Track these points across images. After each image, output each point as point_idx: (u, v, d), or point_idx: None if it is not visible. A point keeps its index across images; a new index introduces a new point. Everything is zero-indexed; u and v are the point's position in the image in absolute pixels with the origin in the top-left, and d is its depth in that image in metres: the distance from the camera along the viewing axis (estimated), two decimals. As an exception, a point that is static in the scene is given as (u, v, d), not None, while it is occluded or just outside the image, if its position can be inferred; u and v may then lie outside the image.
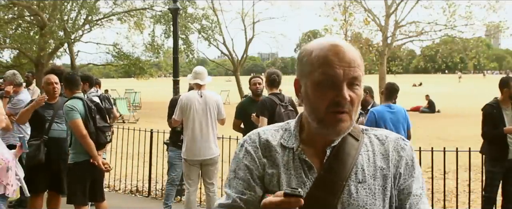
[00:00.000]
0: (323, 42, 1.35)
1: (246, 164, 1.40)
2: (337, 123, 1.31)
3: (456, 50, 26.67)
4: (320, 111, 1.32)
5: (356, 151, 1.37)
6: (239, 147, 1.45)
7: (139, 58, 27.59)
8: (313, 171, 1.35)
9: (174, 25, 8.46)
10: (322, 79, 1.30)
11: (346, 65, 1.30)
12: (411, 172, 1.39)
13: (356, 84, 1.32)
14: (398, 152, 1.39)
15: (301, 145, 1.39)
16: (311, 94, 1.33)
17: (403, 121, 5.61)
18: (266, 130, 1.46)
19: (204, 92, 5.66)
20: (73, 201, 4.87)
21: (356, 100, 1.32)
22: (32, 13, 24.21)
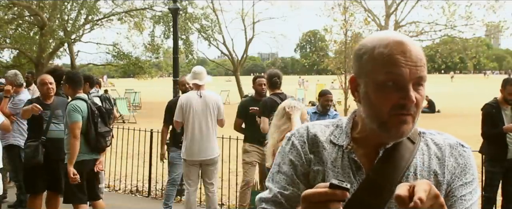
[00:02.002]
0: (387, 38, 1.24)
1: (291, 158, 1.33)
2: (401, 125, 1.22)
3: (456, 50, 26.66)
4: (382, 113, 1.22)
5: (410, 154, 1.28)
6: (286, 141, 1.37)
7: (139, 58, 27.60)
8: (361, 172, 1.27)
9: (174, 25, 8.47)
10: (387, 79, 1.20)
11: (412, 64, 1.20)
12: (462, 177, 1.29)
13: (421, 85, 1.23)
14: (455, 158, 1.30)
15: (351, 143, 1.31)
16: (373, 95, 1.23)
17: None
18: (315, 125, 1.38)
19: (203, 92, 5.65)
20: (70, 200, 4.88)
21: (420, 102, 1.23)
22: (32, 13, 24.20)
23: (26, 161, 5.18)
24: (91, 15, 25.72)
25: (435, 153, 1.31)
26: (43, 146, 5.08)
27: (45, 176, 5.18)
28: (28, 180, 5.28)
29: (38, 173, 5.13)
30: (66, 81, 5.00)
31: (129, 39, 28.78)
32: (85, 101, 4.88)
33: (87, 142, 4.82)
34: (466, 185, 1.28)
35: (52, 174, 5.20)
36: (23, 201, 6.16)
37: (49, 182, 5.27)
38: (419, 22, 25.55)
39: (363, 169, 1.28)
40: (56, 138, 5.14)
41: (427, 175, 1.27)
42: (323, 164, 1.31)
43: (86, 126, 4.79)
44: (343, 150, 1.31)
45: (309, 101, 27.26)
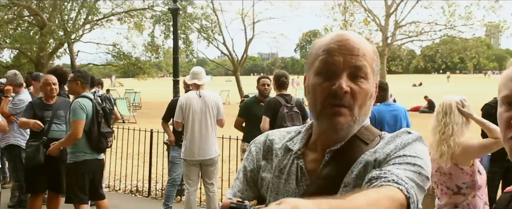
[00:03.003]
0: (330, 33, 1.26)
1: (245, 165, 1.34)
2: (334, 117, 1.17)
3: (456, 50, 26.67)
4: (318, 104, 1.20)
5: (360, 155, 1.21)
6: (249, 145, 1.38)
7: (138, 59, 27.61)
8: (305, 178, 1.23)
9: (174, 25, 8.47)
10: (321, 67, 1.19)
11: (347, 52, 1.17)
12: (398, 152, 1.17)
13: (361, 77, 1.18)
14: (395, 142, 1.21)
15: (303, 148, 1.27)
16: (311, 86, 1.22)
17: (402, 119, 5.58)
18: (276, 132, 1.37)
19: (203, 92, 5.65)
20: (72, 200, 4.88)
21: (359, 94, 1.18)
22: (32, 13, 24.22)
23: (27, 161, 5.18)
24: (91, 15, 25.73)
25: (382, 146, 1.22)
26: (44, 146, 5.08)
27: (46, 176, 5.18)
28: (29, 180, 5.28)
29: (39, 173, 5.13)
30: (76, 78, 4.98)
31: (129, 39, 28.81)
32: (91, 100, 4.89)
33: (89, 142, 4.82)
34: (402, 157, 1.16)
35: (53, 174, 5.20)
36: (23, 201, 6.16)
37: (50, 182, 5.27)
38: (419, 22, 25.55)
39: (307, 175, 1.23)
40: (58, 139, 5.14)
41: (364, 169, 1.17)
42: (271, 172, 1.28)
43: (90, 125, 4.80)
44: (294, 156, 1.27)
45: (309, 101, 27.23)
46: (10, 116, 6.04)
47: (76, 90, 4.99)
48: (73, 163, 4.84)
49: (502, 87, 1.09)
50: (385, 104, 5.65)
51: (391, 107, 5.62)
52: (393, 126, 5.48)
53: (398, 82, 48.13)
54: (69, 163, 4.86)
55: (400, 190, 1.03)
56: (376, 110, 5.63)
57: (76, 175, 4.85)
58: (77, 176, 4.85)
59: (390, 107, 5.62)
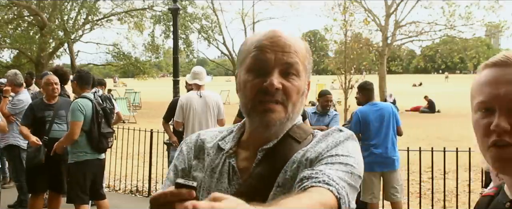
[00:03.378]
0: (262, 30, 1.24)
1: (176, 164, 1.31)
2: (265, 113, 1.16)
3: (456, 50, 26.68)
4: (249, 101, 1.18)
5: (293, 154, 1.19)
6: (179, 145, 1.35)
7: (138, 59, 27.62)
8: (237, 177, 1.21)
9: (174, 25, 8.47)
10: (252, 64, 1.18)
11: (279, 49, 1.16)
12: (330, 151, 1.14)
13: (292, 74, 1.17)
14: (327, 140, 1.19)
15: (235, 147, 1.26)
16: (242, 83, 1.20)
17: (389, 117, 5.53)
18: (208, 131, 1.35)
19: (203, 92, 5.66)
20: (74, 200, 4.88)
21: (292, 91, 1.17)
22: (32, 13, 24.24)
23: (28, 161, 5.18)
24: (91, 15, 25.74)
25: (313, 144, 1.20)
26: (45, 146, 5.07)
27: (47, 176, 5.17)
28: (30, 180, 5.28)
29: (39, 173, 5.12)
30: (75, 79, 4.99)
31: (129, 39, 28.84)
32: (91, 100, 4.89)
33: (90, 142, 4.82)
34: (334, 156, 1.13)
35: (54, 174, 5.20)
36: (23, 201, 6.15)
37: (51, 182, 5.27)
38: (419, 22, 25.56)
39: (238, 174, 1.21)
40: (58, 138, 5.13)
41: (296, 167, 1.16)
42: (203, 171, 1.27)
43: (90, 126, 4.80)
44: (225, 155, 1.25)
45: (309, 101, 27.29)
46: (9, 116, 6.04)
47: (74, 90, 5.03)
48: (74, 163, 4.83)
49: (476, 93, 1.07)
50: (370, 104, 5.61)
51: (375, 107, 5.58)
52: (379, 126, 5.45)
53: (398, 82, 48.13)
54: (71, 163, 4.85)
55: (330, 191, 1.01)
56: (360, 111, 5.60)
57: (78, 175, 4.85)
58: (78, 176, 4.85)
59: (375, 107, 5.57)
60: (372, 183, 5.47)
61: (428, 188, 6.61)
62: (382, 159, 5.43)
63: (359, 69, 17.59)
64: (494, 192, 1.19)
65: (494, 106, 1.02)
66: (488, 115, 1.03)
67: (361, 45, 21.62)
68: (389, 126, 5.49)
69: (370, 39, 24.83)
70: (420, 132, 14.63)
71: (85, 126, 4.79)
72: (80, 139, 4.78)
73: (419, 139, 12.61)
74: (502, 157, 1.00)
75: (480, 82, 1.07)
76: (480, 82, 1.07)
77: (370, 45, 24.27)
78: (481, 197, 1.24)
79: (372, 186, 5.47)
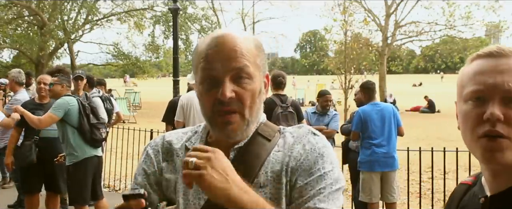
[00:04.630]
0: (210, 34, 1.21)
1: (144, 168, 1.29)
2: (224, 125, 1.17)
3: (456, 50, 26.68)
4: (208, 111, 1.19)
5: (266, 152, 1.20)
6: (143, 151, 1.34)
7: (138, 58, 27.63)
8: None
9: (174, 25, 8.48)
10: (203, 75, 1.17)
11: (225, 57, 1.14)
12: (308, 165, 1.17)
13: (244, 77, 1.16)
14: (303, 145, 1.20)
15: None
16: (199, 94, 1.21)
17: (390, 117, 5.55)
18: (172, 133, 1.34)
19: (204, 92, 5.66)
20: (77, 201, 4.86)
21: (246, 97, 1.16)
22: (32, 13, 24.24)
23: (20, 160, 5.18)
24: (91, 15, 25.74)
25: (291, 146, 1.22)
26: (36, 145, 5.09)
27: (41, 175, 5.19)
28: (24, 179, 5.32)
29: (32, 172, 5.14)
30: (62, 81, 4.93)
31: (129, 39, 28.88)
32: (75, 97, 4.86)
33: (82, 136, 4.77)
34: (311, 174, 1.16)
35: (47, 174, 5.20)
36: (23, 201, 6.15)
37: (46, 182, 5.30)
38: (419, 22, 25.55)
39: None
40: (49, 138, 5.15)
41: (278, 170, 1.18)
42: (175, 172, 1.25)
43: (79, 120, 4.75)
44: None
45: (309, 101, 27.29)
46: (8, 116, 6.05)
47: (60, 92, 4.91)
48: (73, 165, 4.79)
49: (468, 83, 1.06)
50: (371, 104, 5.64)
51: (377, 107, 5.61)
52: (381, 126, 5.47)
53: (398, 82, 48.14)
54: (70, 165, 4.81)
55: None
56: (362, 110, 5.62)
57: (78, 175, 4.81)
58: (79, 176, 4.81)
59: (376, 107, 5.60)
60: (373, 182, 5.47)
61: (428, 188, 6.61)
62: (384, 159, 5.44)
63: (359, 69, 17.58)
64: (472, 182, 1.18)
65: (487, 95, 1.02)
66: (480, 104, 1.02)
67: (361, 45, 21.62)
68: (391, 126, 5.51)
69: (370, 39, 24.83)
70: (420, 132, 14.63)
71: (74, 123, 4.74)
72: (72, 137, 4.73)
73: (419, 139, 12.61)
74: (492, 147, 1.00)
75: (471, 72, 1.07)
76: (471, 72, 1.07)
77: (370, 45, 24.27)
78: (458, 185, 1.23)
79: (372, 186, 5.48)
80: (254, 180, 1.17)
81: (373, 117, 5.49)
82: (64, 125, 4.75)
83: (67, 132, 4.74)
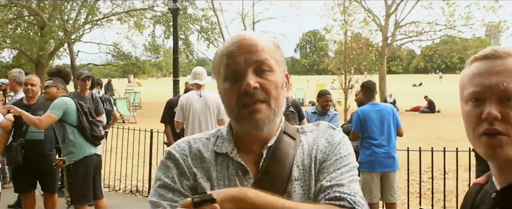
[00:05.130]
0: (230, 37, 1.28)
1: (174, 172, 1.26)
2: (251, 115, 1.20)
3: (456, 50, 26.66)
4: (233, 107, 1.22)
5: (294, 150, 1.27)
6: (167, 154, 1.31)
7: (138, 58, 27.63)
8: (248, 177, 1.24)
9: (174, 25, 8.49)
10: (226, 71, 1.22)
11: (245, 51, 1.21)
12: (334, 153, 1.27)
13: (266, 70, 1.21)
14: (326, 138, 1.30)
15: (235, 149, 1.27)
16: (223, 91, 1.25)
17: (389, 117, 5.56)
18: (196, 139, 1.33)
19: (203, 92, 5.67)
20: (79, 200, 4.89)
21: (270, 87, 1.21)
22: (32, 13, 24.24)
23: (8, 162, 5.28)
24: (91, 15, 25.73)
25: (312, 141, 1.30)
26: (22, 147, 5.12)
27: (29, 175, 5.23)
28: (15, 179, 5.42)
29: (21, 172, 5.20)
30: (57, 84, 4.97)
31: (129, 39, 28.87)
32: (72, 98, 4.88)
33: (83, 133, 4.78)
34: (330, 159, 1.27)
35: (37, 174, 5.25)
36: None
37: (41, 182, 5.38)
38: (419, 22, 25.55)
39: (250, 172, 1.24)
40: (35, 140, 5.17)
41: (308, 164, 1.26)
42: (210, 179, 1.25)
43: (78, 119, 4.77)
44: (228, 157, 1.26)
45: (309, 101, 27.29)
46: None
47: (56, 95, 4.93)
48: (74, 164, 4.80)
49: (467, 85, 1.13)
50: (371, 104, 5.64)
51: (376, 107, 5.62)
52: (381, 126, 5.48)
53: (398, 82, 48.14)
54: (70, 164, 4.82)
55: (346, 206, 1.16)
56: (361, 110, 5.63)
57: (79, 174, 4.82)
58: (80, 175, 4.83)
59: (376, 107, 5.61)
60: (373, 182, 5.47)
61: (428, 188, 6.61)
62: (384, 159, 5.44)
63: (359, 69, 17.56)
64: (484, 181, 1.24)
65: (484, 96, 1.08)
66: (479, 105, 1.09)
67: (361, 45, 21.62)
68: (390, 126, 5.51)
69: (370, 39, 24.83)
70: (420, 132, 14.63)
71: (73, 121, 4.76)
72: (72, 137, 4.75)
73: (419, 139, 12.61)
74: (492, 144, 1.06)
75: (470, 74, 1.13)
76: (470, 74, 1.13)
77: (370, 45, 24.27)
78: (472, 185, 1.29)
79: (372, 186, 5.48)
80: (291, 176, 1.24)
81: (372, 117, 5.49)
82: (63, 125, 4.76)
83: (67, 131, 4.75)
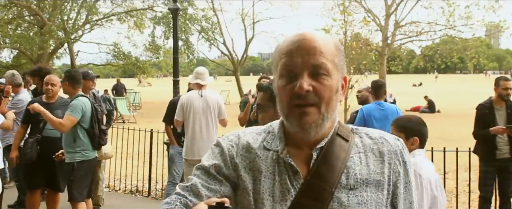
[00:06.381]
0: (289, 36, 1.27)
1: (217, 161, 1.29)
2: (300, 117, 1.19)
3: (456, 50, 26.64)
4: (284, 106, 1.23)
5: (346, 153, 1.24)
6: (216, 143, 1.34)
7: (138, 59, 27.62)
8: (298, 177, 1.22)
9: (174, 25, 8.48)
10: (283, 70, 1.23)
11: (304, 52, 1.20)
12: (410, 179, 1.30)
13: (322, 74, 1.20)
14: (397, 155, 1.28)
15: (286, 147, 1.26)
16: (277, 89, 1.25)
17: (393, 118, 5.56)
18: (246, 132, 1.34)
19: (204, 92, 5.68)
20: (76, 198, 4.95)
21: (323, 92, 1.20)
22: (32, 13, 24.23)
23: (22, 157, 5.31)
24: (91, 15, 25.73)
25: (372, 149, 1.28)
26: (38, 143, 5.19)
27: (42, 173, 5.28)
28: (25, 176, 5.44)
29: (34, 170, 5.25)
30: (66, 79, 5.04)
31: (129, 39, 28.86)
32: (89, 99, 5.01)
33: (91, 139, 4.91)
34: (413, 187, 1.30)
35: (48, 173, 5.28)
36: (23, 201, 6.16)
37: (47, 180, 5.38)
38: (419, 22, 25.54)
39: (300, 173, 1.23)
40: (52, 137, 5.23)
41: (366, 175, 1.24)
42: (258, 172, 1.25)
43: (91, 124, 4.89)
44: (278, 155, 1.25)
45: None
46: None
47: (67, 91, 5.07)
48: (80, 162, 4.87)
49: None
50: (376, 103, 5.67)
51: (381, 106, 5.64)
52: (382, 126, 5.48)
53: (398, 82, 48.09)
54: (78, 161, 4.87)
55: None
56: (365, 108, 5.66)
57: (83, 173, 4.92)
58: (83, 174, 4.93)
59: (380, 106, 5.64)
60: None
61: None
62: None
63: (359, 69, 17.56)
64: None
65: None
66: None
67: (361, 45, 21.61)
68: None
69: (370, 39, 24.81)
70: (420, 132, 14.59)
71: (86, 124, 4.87)
72: (82, 137, 4.85)
73: (419, 139, 12.57)
74: None
75: None
76: None
77: (370, 45, 24.26)
78: None
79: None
80: (341, 181, 1.21)
81: (376, 116, 5.51)
82: (76, 125, 4.84)
83: (78, 132, 4.85)
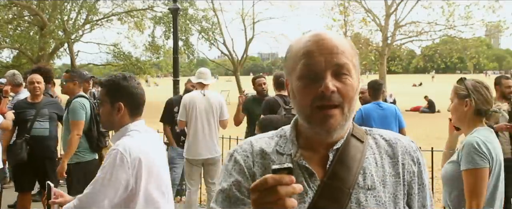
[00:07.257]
0: (305, 35, 1.25)
1: (234, 176, 1.24)
2: (325, 119, 1.17)
3: (456, 50, 26.67)
4: (306, 108, 1.19)
5: (361, 154, 1.24)
6: (229, 157, 1.30)
7: (138, 59, 27.64)
8: (314, 179, 1.21)
9: (174, 25, 8.49)
10: (303, 70, 1.19)
11: (327, 52, 1.18)
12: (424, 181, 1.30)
13: (345, 74, 1.18)
14: (410, 155, 1.27)
15: (299, 150, 1.25)
16: (296, 90, 1.21)
17: (392, 119, 5.57)
18: (258, 139, 1.31)
19: (206, 92, 5.69)
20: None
21: (347, 92, 1.18)
22: (32, 13, 24.25)
23: (11, 158, 5.25)
24: (91, 15, 25.75)
25: (386, 150, 1.27)
26: (27, 144, 5.14)
27: (32, 174, 5.23)
28: (16, 177, 5.39)
29: (24, 171, 5.19)
30: (74, 78, 4.98)
31: (129, 39, 28.92)
32: (88, 99, 4.92)
33: (90, 141, 4.83)
34: (428, 190, 1.30)
35: (39, 172, 5.24)
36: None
37: (39, 180, 5.34)
38: (419, 22, 25.56)
39: (316, 175, 1.21)
40: (40, 136, 5.19)
41: (382, 175, 1.23)
42: None
43: (89, 125, 4.82)
44: (291, 159, 1.24)
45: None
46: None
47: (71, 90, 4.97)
48: (76, 164, 4.81)
49: None
50: (375, 103, 5.67)
51: (380, 107, 5.64)
52: (380, 126, 5.49)
53: (398, 82, 48.13)
54: (73, 163, 4.82)
55: None
56: (364, 108, 5.66)
57: (80, 175, 4.81)
58: (80, 176, 4.81)
59: (379, 107, 5.64)
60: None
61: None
62: None
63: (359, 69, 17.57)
64: None
65: None
66: None
67: (361, 45, 21.62)
68: (392, 127, 5.53)
69: (370, 39, 24.84)
70: (420, 132, 14.63)
71: (85, 126, 4.80)
72: (81, 139, 4.78)
73: (419, 139, 12.59)
74: None
75: None
76: None
77: (370, 45, 24.27)
78: None
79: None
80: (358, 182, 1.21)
81: (374, 117, 5.50)
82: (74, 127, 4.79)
83: None
